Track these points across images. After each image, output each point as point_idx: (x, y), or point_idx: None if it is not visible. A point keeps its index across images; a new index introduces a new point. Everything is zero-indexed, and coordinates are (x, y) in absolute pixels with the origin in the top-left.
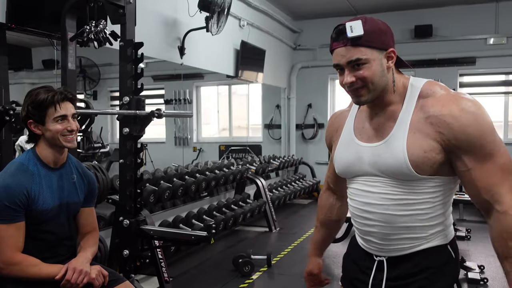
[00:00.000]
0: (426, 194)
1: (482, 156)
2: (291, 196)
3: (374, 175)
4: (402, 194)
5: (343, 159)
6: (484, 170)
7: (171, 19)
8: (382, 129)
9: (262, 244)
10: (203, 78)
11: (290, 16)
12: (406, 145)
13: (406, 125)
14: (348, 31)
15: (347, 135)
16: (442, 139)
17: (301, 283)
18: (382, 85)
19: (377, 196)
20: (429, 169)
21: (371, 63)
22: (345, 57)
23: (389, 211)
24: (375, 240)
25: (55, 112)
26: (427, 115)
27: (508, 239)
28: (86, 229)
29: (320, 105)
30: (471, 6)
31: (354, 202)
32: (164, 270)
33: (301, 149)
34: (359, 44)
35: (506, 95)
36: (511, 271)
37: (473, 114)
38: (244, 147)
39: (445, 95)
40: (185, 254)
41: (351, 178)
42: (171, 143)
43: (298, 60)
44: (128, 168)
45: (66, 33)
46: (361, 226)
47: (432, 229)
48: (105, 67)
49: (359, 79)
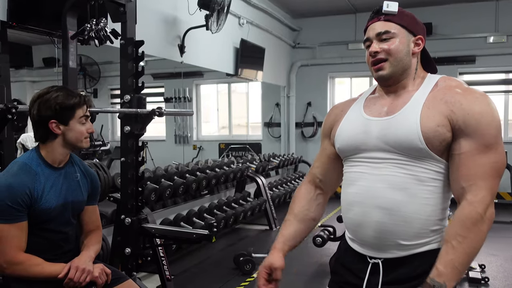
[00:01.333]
0: (430, 181)
1: (480, 145)
2: (291, 194)
3: (381, 149)
4: (408, 178)
5: (348, 132)
6: (474, 159)
7: (171, 17)
8: (393, 107)
9: (262, 242)
10: (203, 76)
11: (289, 14)
12: (420, 117)
13: (420, 103)
14: (384, 6)
15: (354, 112)
16: (452, 118)
17: (303, 280)
18: (404, 64)
19: (382, 179)
20: (438, 144)
21: (397, 38)
22: (376, 29)
23: (394, 196)
24: (372, 234)
25: (82, 113)
26: (442, 97)
27: (458, 225)
28: (89, 227)
29: (320, 104)
30: (471, 4)
31: (354, 187)
32: (165, 268)
33: (301, 147)
34: (391, 20)
35: (506, 94)
36: (443, 254)
37: (486, 105)
38: (244, 145)
39: (460, 85)
40: (186, 252)
41: (352, 159)
42: (171, 141)
43: (298, 58)
44: (130, 166)
45: (67, 32)
46: (359, 216)
47: (432, 226)
48: (106, 65)
49: (384, 50)
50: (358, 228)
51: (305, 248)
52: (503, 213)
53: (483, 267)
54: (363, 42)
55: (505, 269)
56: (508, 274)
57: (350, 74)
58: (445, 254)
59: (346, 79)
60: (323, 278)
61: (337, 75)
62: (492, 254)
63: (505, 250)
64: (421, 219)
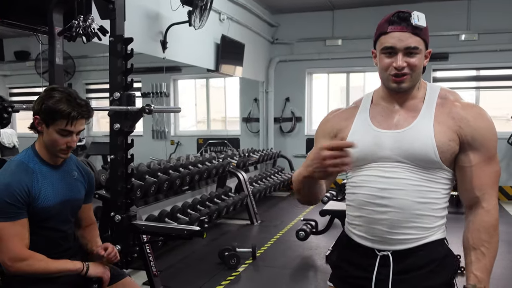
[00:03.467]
0: (440, 184)
1: (486, 158)
2: (271, 189)
3: (395, 160)
4: (420, 181)
5: (359, 144)
6: (483, 170)
7: (153, 13)
8: (403, 119)
9: (245, 237)
10: (181, 71)
11: (268, 10)
12: (434, 132)
13: (431, 117)
14: (415, 19)
15: (362, 123)
16: (461, 133)
17: (287, 274)
18: (419, 78)
19: (396, 182)
20: (449, 157)
21: (421, 54)
22: (404, 42)
23: (407, 197)
24: (383, 229)
25: (64, 126)
26: (449, 111)
27: (482, 232)
28: (85, 223)
29: (298, 99)
30: (444, 3)
31: (365, 189)
32: (152, 264)
33: (279, 142)
34: (418, 34)
35: (476, 90)
36: (475, 261)
37: (488, 121)
38: (222, 141)
39: (461, 101)
40: (170, 248)
41: (362, 165)
42: (148, 137)
43: (276, 54)
44: (119, 164)
45: (53, 28)
46: (370, 214)
47: (438, 221)
48: (80, 60)
49: (410, 65)
50: (371, 225)
51: (288, 242)
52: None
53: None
54: (380, 49)
55: None
56: None
57: (327, 70)
58: (477, 261)
59: (324, 74)
60: (306, 270)
61: (314, 70)
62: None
63: None
64: (430, 217)
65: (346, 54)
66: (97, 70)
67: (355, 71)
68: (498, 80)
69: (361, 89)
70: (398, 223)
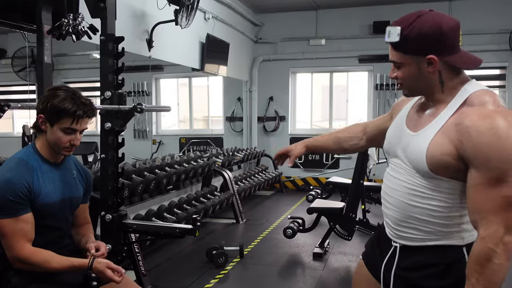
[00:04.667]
0: (442, 193)
1: (489, 178)
2: (255, 188)
3: (401, 160)
4: (418, 186)
5: (390, 137)
6: (485, 192)
7: (139, 12)
8: (422, 121)
9: (231, 236)
10: (163, 70)
11: (251, 9)
12: (429, 144)
13: (440, 126)
14: (386, 35)
15: (401, 117)
16: (460, 148)
17: (275, 271)
18: (422, 86)
19: (396, 182)
20: (443, 171)
21: (406, 66)
22: (390, 55)
23: (402, 199)
24: (390, 223)
25: (69, 124)
26: (458, 122)
27: (473, 261)
28: (81, 222)
29: (282, 98)
30: (426, 3)
31: (383, 184)
32: (141, 264)
33: (263, 141)
34: (395, 49)
35: None
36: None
37: (498, 136)
38: (206, 140)
39: (486, 109)
40: (157, 247)
41: (390, 157)
42: (129, 136)
43: (260, 53)
44: (110, 163)
45: (42, 26)
46: (383, 208)
47: (445, 228)
48: (60, 58)
49: (398, 77)
50: (385, 217)
51: (275, 240)
52: None
53: None
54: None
55: None
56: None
57: (311, 70)
58: None
59: (307, 74)
60: (294, 268)
61: (298, 70)
62: None
63: None
64: (428, 221)
65: (330, 54)
66: (76, 68)
67: (338, 70)
68: (478, 80)
69: (343, 89)
70: (398, 220)
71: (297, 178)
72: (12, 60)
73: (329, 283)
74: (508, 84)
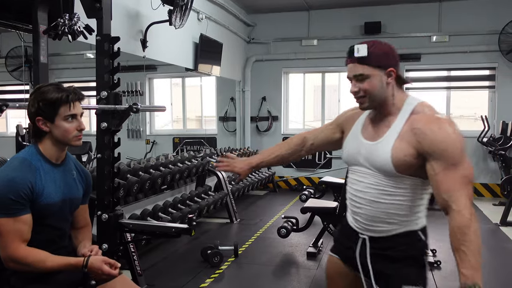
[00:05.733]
0: (405, 189)
1: (449, 165)
2: (248, 187)
3: (365, 167)
4: (385, 186)
5: (349, 149)
6: (448, 176)
7: (133, 12)
8: (378, 132)
9: (225, 235)
10: (156, 70)
11: (244, 10)
12: (392, 148)
13: (396, 133)
14: (355, 51)
15: (356, 130)
16: (419, 147)
17: (270, 271)
18: (381, 97)
19: (365, 185)
20: (407, 169)
21: (371, 78)
22: (352, 71)
23: (373, 198)
24: (361, 220)
25: (68, 111)
26: (413, 127)
27: (458, 233)
28: (80, 224)
29: (274, 98)
30: (416, 5)
31: (350, 188)
32: (136, 263)
33: (256, 141)
34: (363, 63)
35: (448, 90)
36: (460, 261)
37: (447, 133)
38: (199, 140)
39: (431, 116)
40: (152, 247)
41: (351, 168)
42: (123, 136)
43: (252, 53)
44: (106, 163)
45: (38, 26)
46: (353, 208)
47: (407, 218)
48: (53, 57)
49: (361, 89)
50: (354, 215)
51: (269, 239)
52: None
53: (434, 251)
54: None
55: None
56: None
57: (303, 70)
58: (461, 261)
59: (300, 74)
60: (289, 267)
61: (290, 70)
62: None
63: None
64: (396, 215)
65: (322, 54)
66: (70, 68)
67: (330, 71)
68: (468, 80)
69: (335, 89)
70: (370, 217)
71: (290, 178)
72: (5, 60)
73: (323, 282)
74: (498, 84)
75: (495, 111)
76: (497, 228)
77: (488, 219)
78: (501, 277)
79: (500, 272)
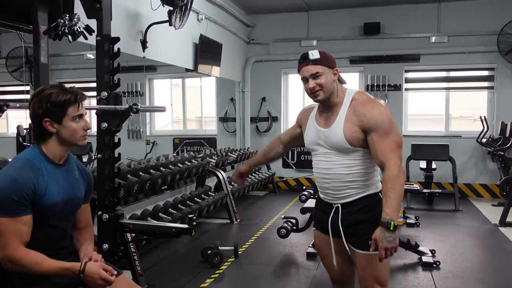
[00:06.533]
0: (360, 160)
1: (383, 134)
2: (248, 188)
3: (326, 148)
4: (345, 160)
5: (309, 137)
6: (383, 142)
7: (133, 12)
8: (329, 119)
9: (225, 236)
10: (156, 71)
11: (244, 10)
12: (342, 129)
13: (343, 117)
14: (311, 55)
15: (312, 122)
16: (361, 124)
17: (270, 271)
18: (331, 90)
19: (329, 164)
20: (357, 143)
21: (324, 75)
22: (309, 72)
23: (338, 171)
24: (331, 192)
25: (77, 111)
26: (354, 110)
27: (388, 182)
28: (82, 224)
29: (274, 99)
30: (415, 5)
31: (317, 168)
32: (137, 264)
33: (256, 141)
34: (317, 63)
35: (447, 91)
36: (385, 203)
37: (379, 110)
38: (199, 140)
39: (366, 99)
40: (152, 247)
41: (313, 152)
42: (123, 136)
43: (252, 54)
44: (106, 163)
45: (38, 27)
46: (322, 184)
47: (367, 182)
48: (54, 58)
49: (318, 84)
50: (325, 190)
51: (269, 240)
52: (446, 202)
53: (433, 252)
54: (301, 79)
55: (453, 253)
56: (456, 258)
57: None
58: (386, 202)
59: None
60: (288, 267)
61: (290, 71)
62: (441, 240)
63: (451, 236)
64: (359, 181)
65: None
66: (70, 69)
67: None
68: (467, 81)
69: None
70: (338, 188)
71: (290, 178)
72: (6, 60)
73: (322, 282)
74: (497, 85)
75: (494, 112)
76: (496, 228)
77: (487, 220)
78: (500, 277)
79: (499, 272)
